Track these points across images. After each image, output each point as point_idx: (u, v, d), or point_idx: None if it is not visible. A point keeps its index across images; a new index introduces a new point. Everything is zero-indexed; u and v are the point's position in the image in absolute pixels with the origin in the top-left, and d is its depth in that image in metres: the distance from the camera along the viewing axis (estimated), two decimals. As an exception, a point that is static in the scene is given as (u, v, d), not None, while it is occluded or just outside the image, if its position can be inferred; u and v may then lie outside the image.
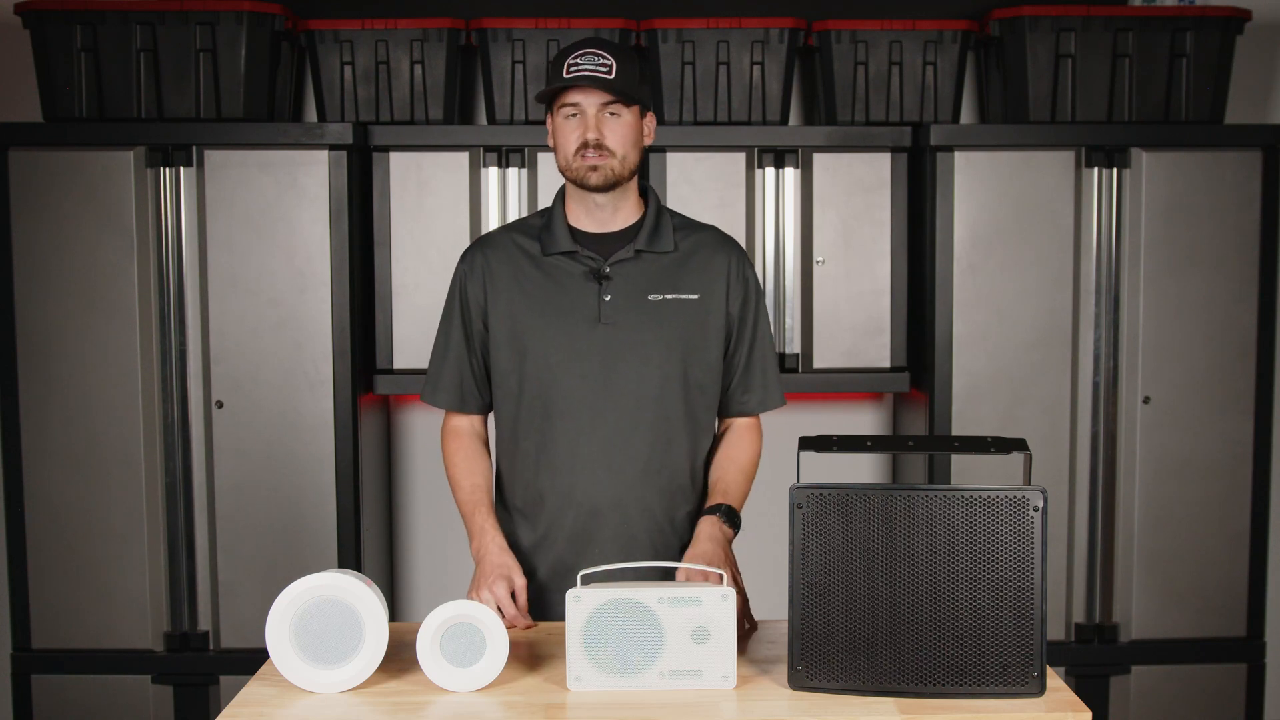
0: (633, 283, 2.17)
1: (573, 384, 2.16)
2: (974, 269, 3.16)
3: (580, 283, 2.17)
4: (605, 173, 2.12)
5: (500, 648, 1.83)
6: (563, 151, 2.14)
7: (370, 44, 3.22)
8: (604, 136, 2.10)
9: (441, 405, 2.28)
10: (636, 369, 2.16)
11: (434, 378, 2.28)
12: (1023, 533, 1.75)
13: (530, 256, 2.20)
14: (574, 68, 2.10)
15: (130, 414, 3.09)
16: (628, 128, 2.13)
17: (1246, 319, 3.20)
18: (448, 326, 2.26)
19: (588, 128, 2.10)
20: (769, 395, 2.28)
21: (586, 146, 2.10)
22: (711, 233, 2.27)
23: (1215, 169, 3.16)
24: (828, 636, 1.79)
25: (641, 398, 2.16)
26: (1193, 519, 3.23)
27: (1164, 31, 3.18)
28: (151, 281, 3.09)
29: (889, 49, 3.25)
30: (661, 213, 2.23)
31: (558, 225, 2.20)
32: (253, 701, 1.80)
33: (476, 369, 2.25)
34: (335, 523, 3.14)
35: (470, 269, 2.23)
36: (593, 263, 2.17)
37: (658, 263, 2.19)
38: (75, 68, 3.09)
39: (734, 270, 2.22)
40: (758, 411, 2.29)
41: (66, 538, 3.12)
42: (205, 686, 3.16)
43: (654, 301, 2.17)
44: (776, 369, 2.29)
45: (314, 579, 1.85)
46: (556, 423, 2.17)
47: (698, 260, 2.21)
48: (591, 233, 2.20)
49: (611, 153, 2.11)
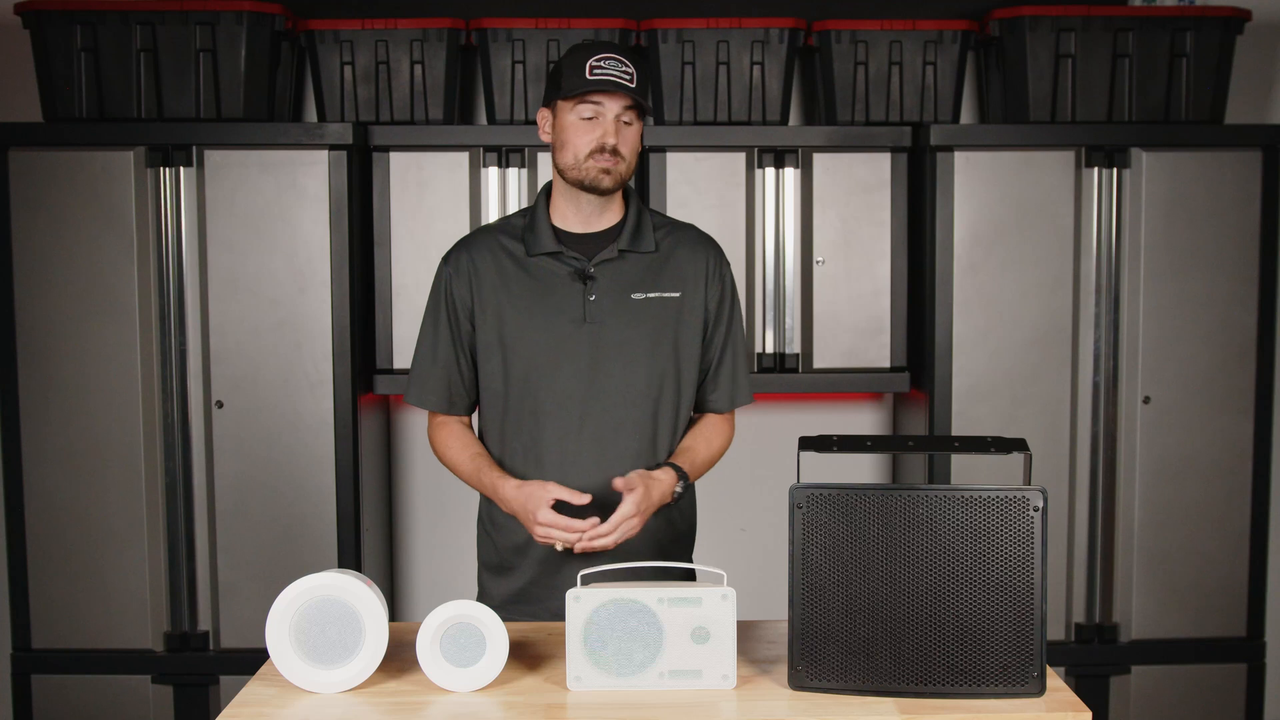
0: (617, 282, 2.20)
1: (560, 383, 2.18)
2: (974, 269, 3.16)
3: (565, 283, 2.20)
4: (616, 177, 2.17)
5: (500, 648, 1.83)
6: (572, 149, 2.16)
7: (370, 44, 3.22)
8: (619, 144, 2.15)
9: (430, 408, 2.28)
10: (623, 367, 2.19)
11: (421, 379, 2.27)
12: (1023, 533, 1.76)
13: (514, 257, 2.22)
14: (599, 70, 2.12)
15: (130, 414, 3.09)
16: (637, 136, 2.20)
17: (1246, 319, 3.20)
18: (434, 328, 2.26)
19: (608, 132, 2.14)
20: (738, 393, 2.32)
21: (604, 150, 2.14)
22: (691, 231, 2.31)
23: (1215, 169, 3.16)
24: (828, 636, 1.79)
25: (628, 395, 2.19)
26: (1193, 519, 3.23)
27: (1164, 31, 3.18)
28: (151, 281, 3.09)
29: (889, 49, 3.25)
30: (642, 212, 2.27)
31: (541, 225, 2.22)
32: (253, 701, 1.80)
33: (464, 370, 2.26)
34: (335, 523, 3.14)
35: (456, 270, 2.24)
36: (577, 263, 2.20)
37: (640, 262, 2.23)
38: (75, 68, 3.09)
39: (712, 268, 2.27)
40: (728, 409, 2.32)
41: (66, 538, 3.12)
42: (205, 686, 3.16)
43: (637, 300, 2.20)
44: (746, 367, 2.34)
45: (314, 579, 1.85)
46: (544, 422, 2.19)
47: (678, 259, 2.25)
48: (575, 233, 2.23)
49: (624, 158, 2.16)
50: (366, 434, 3.26)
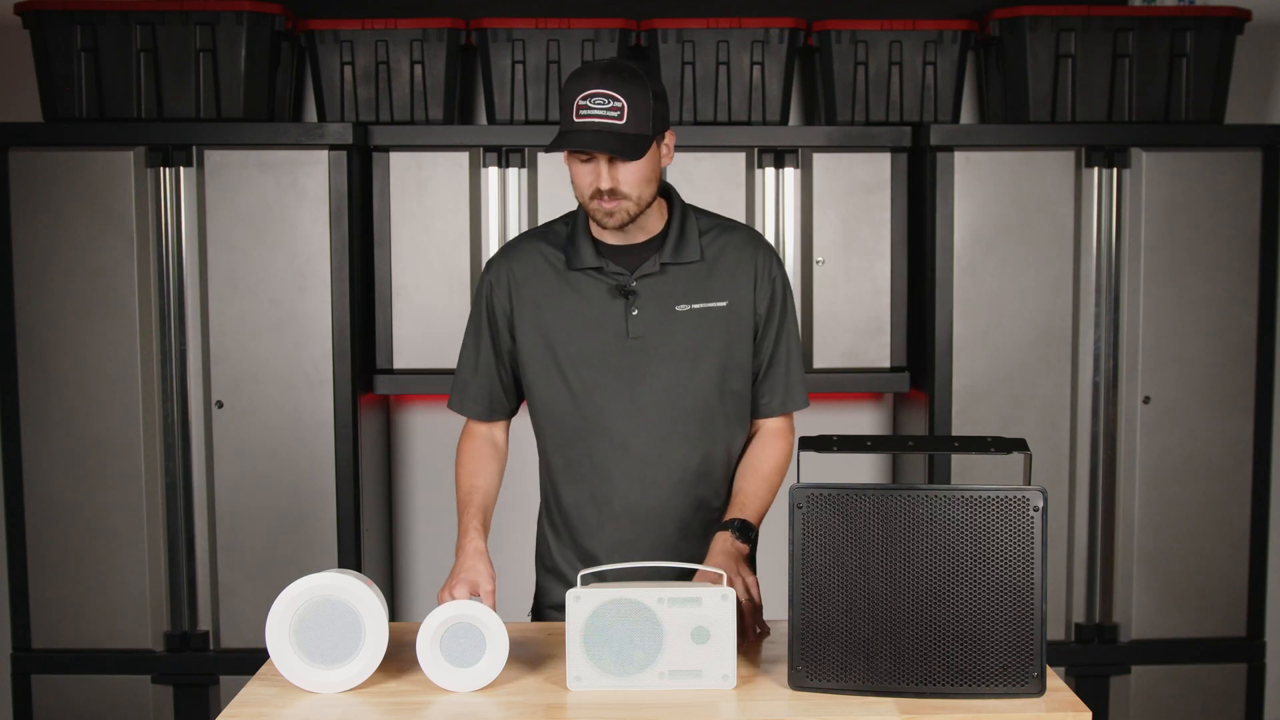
0: (659, 295, 2.13)
1: (604, 398, 2.14)
2: (974, 269, 3.16)
3: (606, 299, 2.13)
4: (621, 216, 2.06)
5: (500, 648, 1.83)
6: (579, 191, 2.08)
7: (370, 44, 3.22)
8: (618, 184, 2.03)
9: (472, 415, 2.26)
10: (667, 381, 2.13)
11: (463, 387, 2.25)
12: (1023, 533, 1.75)
13: (556, 269, 2.17)
14: (585, 111, 2.00)
15: (130, 414, 3.09)
16: (641, 168, 2.05)
17: (1246, 319, 3.20)
18: (476, 336, 2.23)
19: (600, 177, 2.03)
20: (790, 396, 2.23)
21: (600, 195, 2.04)
22: (740, 233, 2.21)
23: (1215, 169, 3.16)
24: (828, 636, 1.79)
25: (675, 409, 2.14)
26: (1193, 519, 3.23)
27: (1164, 31, 3.18)
28: (151, 281, 3.09)
29: (889, 49, 3.25)
30: (687, 218, 2.18)
31: (581, 239, 2.16)
32: (253, 701, 1.80)
33: (505, 380, 2.23)
34: (335, 523, 3.14)
35: (497, 279, 2.20)
36: (619, 278, 2.13)
37: (684, 272, 2.15)
38: (75, 68, 3.09)
39: (761, 270, 2.18)
40: (778, 413, 2.24)
41: (66, 537, 3.12)
42: (205, 686, 3.16)
43: (682, 312, 2.13)
44: (801, 370, 2.24)
45: (314, 579, 1.85)
46: (590, 437, 2.15)
47: (724, 265, 2.17)
48: (616, 245, 2.16)
49: (625, 196, 2.05)
50: (366, 434, 3.26)
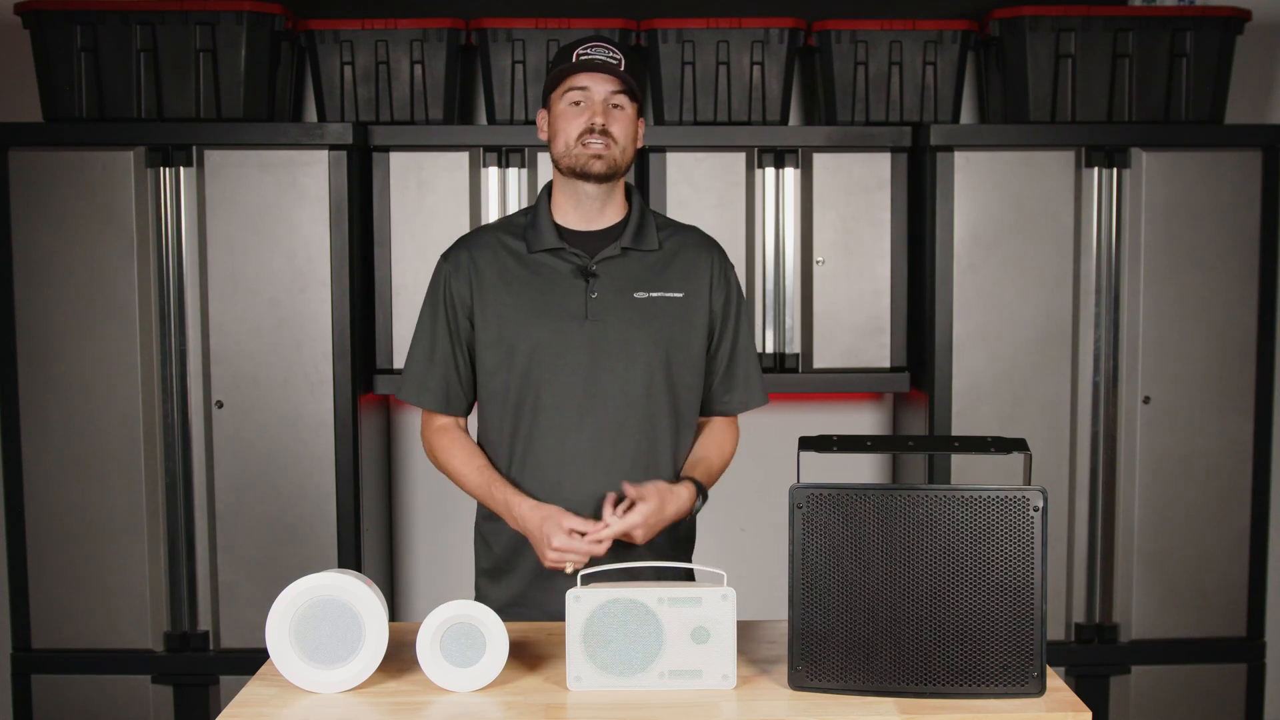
0: (619, 280, 2.18)
1: (561, 381, 2.17)
2: (974, 269, 3.16)
3: (567, 280, 2.18)
4: (609, 161, 2.14)
5: (500, 648, 1.83)
6: (563, 137, 2.15)
7: (370, 44, 3.22)
8: (610, 124, 2.13)
9: (428, 406, 2.26)
10: (623, 366, 2.17)
11: (419, 377, 2.25)
12: (1023, 533, 1.76)
13: (516, 255, 2.21)
14: (585, 55, 2.13)
15: (130, 414, 3.09)
16: (630, 121, 2.17)
17: (1246, 319, 3.20)
18: (432, 325, 2.24)
19: (595, 113, 2.13)
20: (751, 395, 2.30)
21: (592, 132, 2.12)
22: (694, 233, 2.30)
23: (1215, 169, 3.16)
24: (828, 636, 1.79)
25: (628, 395, 2.17)
26: (1193, 519, 3.23)
27: (1164, 31, 3.18)
28: (151, 281, 3.09)
29: (889, 49, 3.25)
30: (645, 211, 2.26)
31: (543, 222, 2.21)
32: (253, 701, 1.80)
33: (463, 369, 2.24)
34: (335, 523, 3.14)
35: (455, 267, 2.23)
36: (579, 260, 2.18)
37: (643, 261, 2.21)
38: (75, 68, 3.09)
39: (717, 271, 2.25)
40: (740, 411, 2.31)
41: (66, 538, 3.12)
42: (205, 686, 3.16)
43: (640, 299, 2.18)
44: (759, 368, 2.32)
45: (314, 579, 1.85)
46: (543, 420, 2.18)
47: (682, 260, 2.23)
48: (577, 230, 2.22)
49: (615, 141, 2.14)
50: (366, 434, 3.26)
